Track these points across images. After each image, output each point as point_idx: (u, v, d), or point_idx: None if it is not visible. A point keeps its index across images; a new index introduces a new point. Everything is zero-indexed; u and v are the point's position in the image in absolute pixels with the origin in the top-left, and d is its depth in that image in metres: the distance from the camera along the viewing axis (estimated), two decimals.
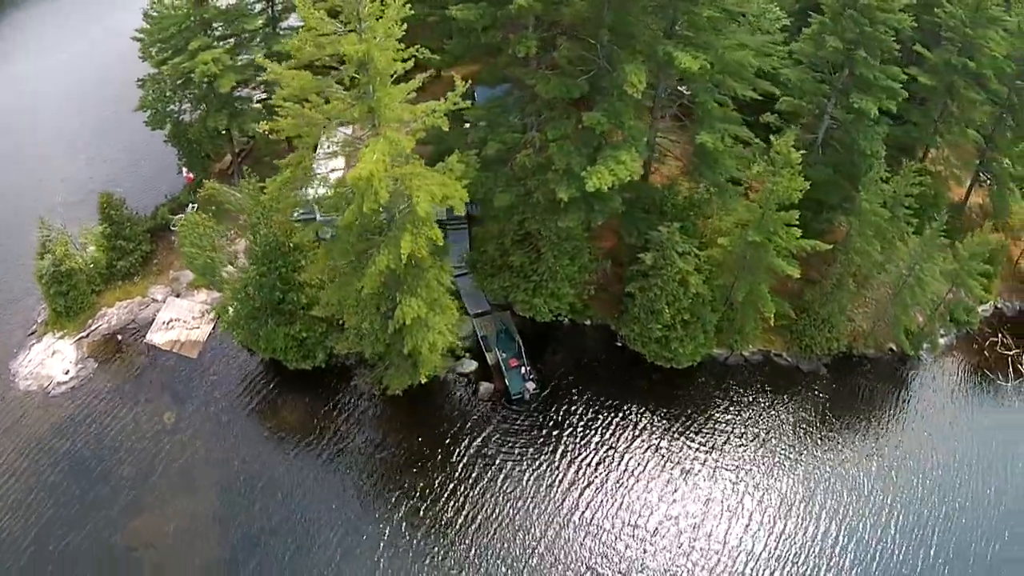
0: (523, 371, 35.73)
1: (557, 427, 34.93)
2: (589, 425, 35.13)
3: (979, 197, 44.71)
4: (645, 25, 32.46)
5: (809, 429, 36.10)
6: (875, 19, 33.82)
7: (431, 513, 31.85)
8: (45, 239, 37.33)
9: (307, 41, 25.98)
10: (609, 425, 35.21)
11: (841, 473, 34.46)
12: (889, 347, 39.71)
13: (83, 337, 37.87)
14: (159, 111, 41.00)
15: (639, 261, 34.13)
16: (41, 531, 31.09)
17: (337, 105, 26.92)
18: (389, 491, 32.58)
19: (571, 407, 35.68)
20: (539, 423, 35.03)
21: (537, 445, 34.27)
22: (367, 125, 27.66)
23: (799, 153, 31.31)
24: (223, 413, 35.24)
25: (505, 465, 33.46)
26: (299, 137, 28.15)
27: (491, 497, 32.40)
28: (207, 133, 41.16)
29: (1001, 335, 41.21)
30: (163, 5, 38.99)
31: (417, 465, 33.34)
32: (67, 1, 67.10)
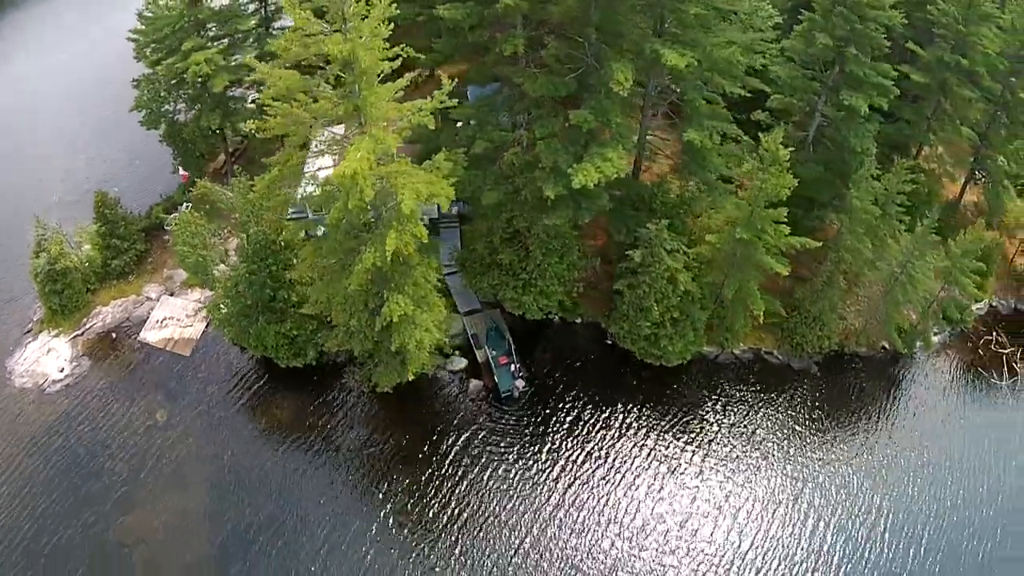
0: (513, 369, 35.82)
1: (545, 425, 35.00)
2: (577, 423, 35.18)
3: (974, 195, 44.47)
4: (634, 23, 32.52)
5: (799, 427, 36.02)
6: (865, 16, 33.77)
7: (418, 509, 31.99)
8: (40, 238, 37.74)
9: (293, 41, 26.21)
10: (597, 423, 35.25)
11: (831, 471, 34.37)
12: (882, 345, 39.58)
13: (78, 335, 38.25)
14: (154, 111, 41.35)
15: (628, 259, 34.16)
16: (34, 526, 31.43)
17: (324, 104, 27.11)
18: (377, 487, 32.77)
19: (560, 405, 35.75)
20: (528, 421, 35.12)
21: (525, 443, 34.36)
22: (353, 124, 27.85)
23: (787, 150, 31.25)
24: (215, 410, 35.51)
25: (493, 462, 33.56)
26: (288, 136, 28.36)
27: (478, 494, 32.51)
28: (201, 133, 41.51)
29: (996, 333, 40.98)
30: (157, 6, 39.35)
31: (405, 462, 33.50)
32: (67, 1, 67.53)
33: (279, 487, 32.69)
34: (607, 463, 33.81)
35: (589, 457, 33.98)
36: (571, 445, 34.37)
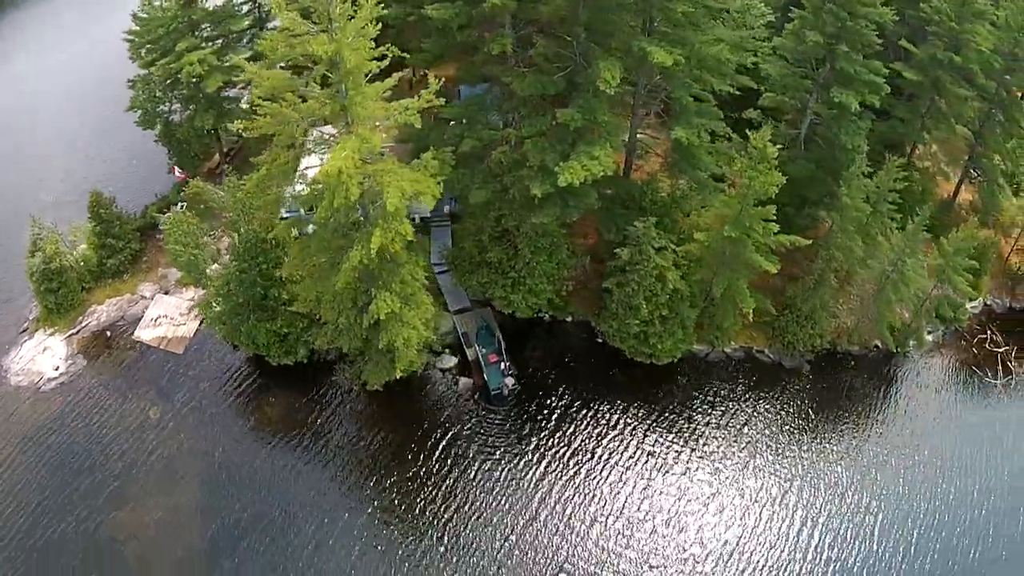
0: (502, 367, 35.91)
1: (534, 422, 35.09)
2: (566, 421, 35.24)
3: (969, 194, 44.22)
4: (623, 22, 32.55)
5: (789, 426, 35.95)
6: (856, 13, 33.68)
7: (406, 505, 32.16)
8: (36, 237, 38.10)
9: (280, 41, 26.40)
10: (586, 421, 35.31)
11: (821, 470, 34.29)
12: (875, 344, 39.43)
13: (73, 334, 38.61)
14: (149, 111, 41.71)
15: (616, 257, 34.18)
16: (28, 521, 31.78)
17: (313, 104, 27.30)
18: (366, 484, 32.96)
19: (549, 402, 35.83)
20: (517, 418, 35.22)
21: (513, 440, 34.45)
22: (340, 123, 28.02)
23: (775, 148, 31.19)
24: (207, 407, 35.79)
25: (481, 460, 33.68)
26: (276, 136, 28.53)
27: (466, 491, 32.64)
28: (195, 133, 41.83)
29: (990, 332, 40.77)
30: (152, 6, 39.65)
31: (394, 458, 33.68)
32: (67, 1, 67.92)
33: (269, 483, 32.94)
34: (595, 461, 33.86)
35: (577, 455, 34.05)
36: (559, 443, 34.45)
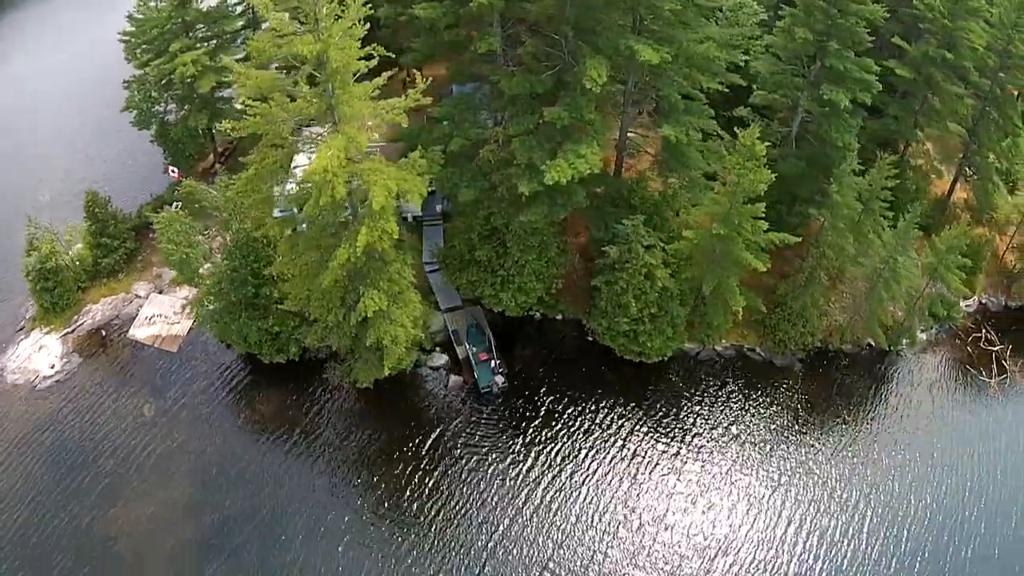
0: (492, 365, 36.02)
1: (524, 421, 35.19)
2: (555, 418, 35.32)
3: (964, 192, 43.97)
4: (612, 21, 32.57)
5: (780, 425, 35.91)
6: (846, 10, 33.57)
7: (394, 501, 32.35)
8: (32, 236, 38.48)
9: (266, 41, 26.56)
10: (575, 419, 35.37)
11: (812, 468, 34.24)
12: (867, 342, 39.33)
13: (69, 332, 38.96)
14: (144, 111, 42.01)
15: (605, 255, 34.22)
16: (23, 518, 32.07)
17: (300, 104, 27.46)
18: (356, 481, 33.16)
19: (539, 401, 35.92)
20: (506, 417, 35.33)
21: (503, 438, 34.56)
22: (327, 122, 28.17)
23: (764, 145, 31.14)
24: (200, 405, 36.04)
25: (470, 458, 33.81)
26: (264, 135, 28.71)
27: (455, 489, 32.78)
28: (189, 133, 42.11)
29: (985, 330, 40.57)
30: (147, 7, 39.95)
31: (384, 456, 33.86)
32: (67, 1, 68.20)
33: (261, 480, 33.15)
34: (584, 459, 33.93)
35: (566, 453, 34.12)
36: (549, 441, 34.52)
